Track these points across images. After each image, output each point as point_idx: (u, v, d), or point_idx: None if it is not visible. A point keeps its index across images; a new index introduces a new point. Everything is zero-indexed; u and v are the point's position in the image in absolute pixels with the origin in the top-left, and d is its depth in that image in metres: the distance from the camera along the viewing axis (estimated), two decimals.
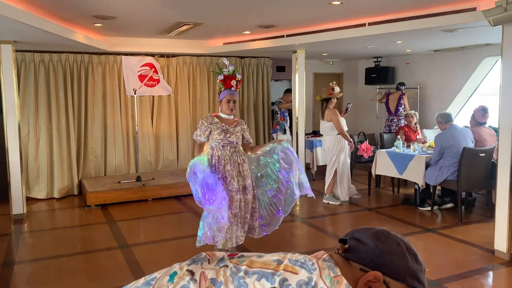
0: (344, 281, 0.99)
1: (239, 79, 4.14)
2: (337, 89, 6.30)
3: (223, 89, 4.09)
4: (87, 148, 7.41)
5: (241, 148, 4.18)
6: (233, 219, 3.90)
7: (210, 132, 4.02)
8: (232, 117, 4.14)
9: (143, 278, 1.11)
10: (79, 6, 4.64)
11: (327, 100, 6.32)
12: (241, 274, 1.02)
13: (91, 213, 6.13)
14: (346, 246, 1.10)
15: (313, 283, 0.95)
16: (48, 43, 6.12)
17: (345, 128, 6.29)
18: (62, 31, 5.36)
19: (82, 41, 5.96)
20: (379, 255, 1.07)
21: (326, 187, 6.52)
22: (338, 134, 6.24)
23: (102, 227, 5.49)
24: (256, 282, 0.99)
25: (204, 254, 1.11)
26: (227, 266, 1.05)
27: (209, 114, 4.16)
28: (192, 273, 1.05)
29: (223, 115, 4.11)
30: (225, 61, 4.15)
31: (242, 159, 4.08)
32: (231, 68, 4.09)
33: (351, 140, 6.31)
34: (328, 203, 6.43)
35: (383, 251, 1.07)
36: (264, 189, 4.15)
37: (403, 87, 8.48)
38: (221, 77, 4.07)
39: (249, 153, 4.25)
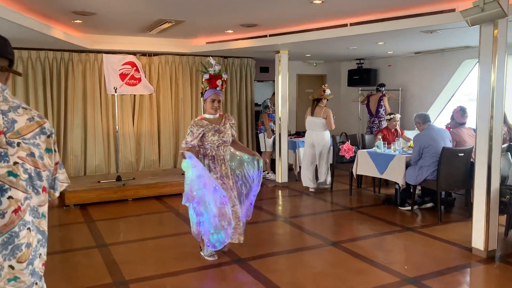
0: None
1: (225, 79, 4.13)
2: (328, 91, 7.12)
3: (208, 88, 4.07)
4: (66, 148, 7.28)
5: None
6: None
7: (203, 135, 3.99)
8: (217, 115, 4.14)
9: None
10: (57, 0, 4.56)
11: (318, 100, 7.12)
12: None
13: (69, 213, 6.01)
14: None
15: None
16: (26, 39, 6.00)
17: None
18: (40, 26, 5.26)
19: (61, 38, 5.86)
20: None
21: (326, 177, 7.25)
22: (326, 130, 7.06)
23: (80, 226, 5.40)
24: None
25: None
26: None
27: (196, 119, 4.12)
28: None
29: (208, 116, 4.10)
30: (212, 60, 4.16)
31: (228, 157, 4.20)
32: (217, 67, 4.08)
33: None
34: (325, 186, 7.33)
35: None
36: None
37: (383, 88, 8.56)
38: (206, 76, 4.05)
39: (231, 148, 4.31)
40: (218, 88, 4.06)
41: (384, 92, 8.53)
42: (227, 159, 4.14)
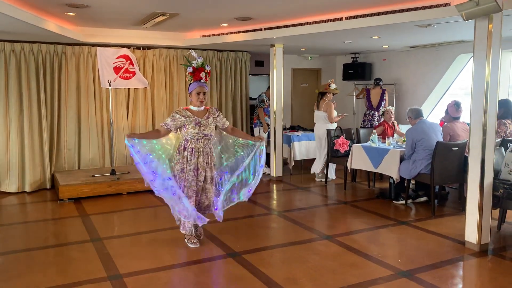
0: None
1: (208, 71, 4.21)
2: (333, 85, 7.34)
3: (192, 81, 4.14)
4: (60, 141, 7.24)
5: (214, 138, 4.34)
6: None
7: (183, 126, 4.10)
8: (202, 108, 4.18)
9: None
10: None
11: (323, 94, 7.36)
12: None
13: (63, 207, 5.99)
14: None
15: None
16: (19, 32, 5.93)
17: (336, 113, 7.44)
18: (33, 19, 5.20)
19: (54, 31, 5.80)
20: None
21: (319, 168, 7.47)
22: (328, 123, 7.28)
23: (74, 220, 5.38)
24: None
25: None
26: None
27: (180, 108, 4.21)
28: None
29: (193, 108, 4.17)
30: (193, 53, 4.20)
31: (212, 151, 4.27)
32: (199, 60, 4.15)
33: (339, 117, 7.38)
34: (321, 180, 7.52)
35: None
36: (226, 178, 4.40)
37: (382, 83, 8.59)
38: (190, 69, 4.13)
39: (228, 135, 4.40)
40: (202, 81, 4.12)
41: (382, 86, 8.59)
42: (207, 152, 4.18)
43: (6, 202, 6.34)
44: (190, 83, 4.15)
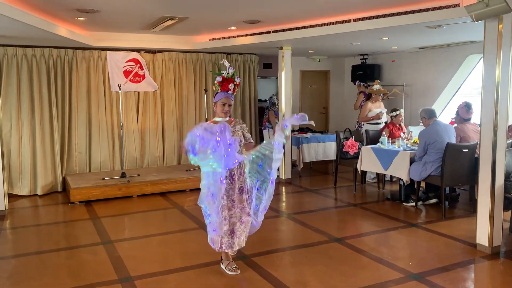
0: None
1: (238, 83, 4.00)
2: (375, 86, 7.63)
3: (219, 91, 3.94)
4: (71, 145, 7.32)
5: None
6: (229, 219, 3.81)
7: None
8: (227, 118, 3.96)
9: None
10: None
11: (370, 95, 7.81)
12: None
13: (74, 210, 6.05)
14: None
15: None
16: (31, 37, 6.01)
17: (375, 113, 7.58)
18: (44, 24, 5.27)
19: (65, 35, 5.87)
20: None
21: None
22: (372, 122, 7.59)
23: (85, 223, 5.43)
24: None
25: None
26: None
27: (205, 123, 3.87)
28: None
29: (218, 119, 3.91)
30: (226, 63, 4.00)
31: (243, 158, 3.93)
32: (230, 70, 3.94)
33: (376, 117, 7.56)
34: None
35: None
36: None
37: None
38: (219, 78, 3.91)
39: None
40: (229, 92, 3.93)
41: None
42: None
43: (18, 205, 6.41)
44: (217, 93, 3.95)
